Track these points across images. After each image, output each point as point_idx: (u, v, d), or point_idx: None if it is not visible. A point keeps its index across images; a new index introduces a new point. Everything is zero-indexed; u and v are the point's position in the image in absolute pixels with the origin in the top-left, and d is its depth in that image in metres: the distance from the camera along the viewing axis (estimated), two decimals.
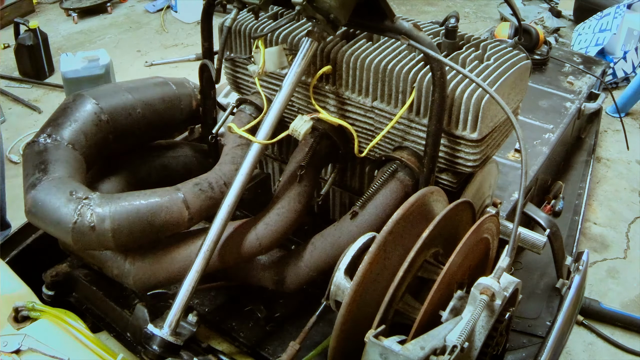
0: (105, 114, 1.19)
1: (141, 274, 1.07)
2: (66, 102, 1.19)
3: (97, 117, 1.17)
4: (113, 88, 1.27)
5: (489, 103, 1.04)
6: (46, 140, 1.11)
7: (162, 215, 1.04)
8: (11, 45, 3.59)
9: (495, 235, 1.05)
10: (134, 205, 1.02)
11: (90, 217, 0.98)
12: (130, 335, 1.11)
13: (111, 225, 0.99)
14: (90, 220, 0.98)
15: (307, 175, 1.17)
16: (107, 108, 1.19)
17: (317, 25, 1.01)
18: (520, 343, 1.42)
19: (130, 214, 1.01)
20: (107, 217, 0.99)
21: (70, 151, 1.11)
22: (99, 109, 1.18)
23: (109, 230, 0.99)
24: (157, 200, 1.04)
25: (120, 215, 1.00)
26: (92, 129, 1.17)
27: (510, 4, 1.32)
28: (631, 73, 3.42)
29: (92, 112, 1.17)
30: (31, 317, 1.02)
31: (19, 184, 1.06)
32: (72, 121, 1.15)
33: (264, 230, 1.10)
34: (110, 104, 1.20)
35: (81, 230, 0.98)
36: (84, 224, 0.98)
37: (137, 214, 1.01)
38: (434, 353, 0.77)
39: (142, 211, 1.02)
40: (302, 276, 1.13)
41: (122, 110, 1.22)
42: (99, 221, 0.98)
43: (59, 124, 1.14)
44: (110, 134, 1.20)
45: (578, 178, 2.24)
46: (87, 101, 1.18)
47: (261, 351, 1.22)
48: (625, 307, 2.05)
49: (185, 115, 1.35)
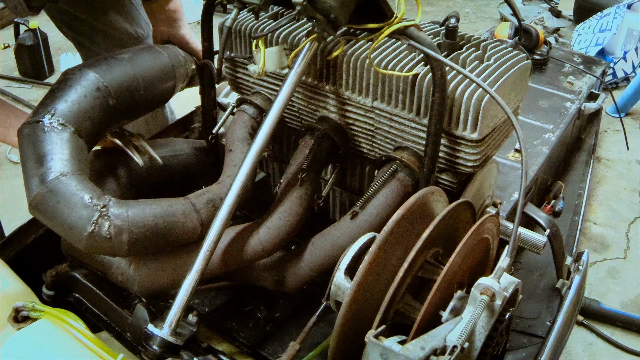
0: (114, 97, 1.12)
1: (146, 280, 1.07)
2: (70, 76, 1.10)
3: (106, 102, 1.11)
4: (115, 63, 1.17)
5: (489, 103, 1.04)
6: (52, 122, 1.03)
7: (178, 230, 1.03)
8: (11, 45, 3.59)
9: (496, 235, 1.05)
10: (152, 219, 1.00)
11: (108, 228, 0.96)
12: (130, 335, 1.11)
13: (128, 238, 0.97)
14: (107, 232, 0.96)
15: (308, 178, 1.17)
16: (116, 90, 1.12)
17: (317, 25, 1.01)
18: (520, 343, 1.42)
19: (148, 228, 0.99)
20: (125, 230, 0.97)
21: (77, 140, 1.05)
22: (107, 91, 1.11)
23: (125, 243, 0.97)
24: (174, 215, 1.03)
25: (138, 230, 0.98)
26: (99, 114, 1.10)
27: (510, 4, 1.32)
28: (631, 73, 3.42)
29: (101, 96, 1.10)
30: (31, 317, 1.02)
31: (19, 184, 1.04)
32: (79, 104, 1.07)
33: (266, 234, 1.10)
34: (118, 84, 1.13)
35: (97, 239, 0.96)
36: (100, 234, 0.96)
37: (155, 229, 1.00)
38: (434, 353, 0.77)
39: (159, 226, 1.01)
40: (302, 276, 1.13)
41: (127, 91, 1.15)
42: (116, 233, 0.96)
43: (64, 104, 1.06)
44: (114, 117, 1.15)
45: (578, 178, 2.23)
46: (94, 80, 1.10)
47: (261, 351, 1.22)
48: (625, 307, 2.05)
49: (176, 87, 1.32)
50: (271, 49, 1.14)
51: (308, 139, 1.24)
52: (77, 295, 1.25)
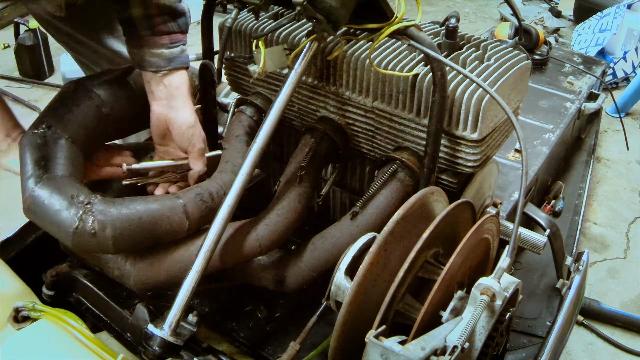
0: (107, 106, 1.16)
1: (142, 275, 1.07)
2: (66, 90, 1.16)
3: (99, 110, 1.15)
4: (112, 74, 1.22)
5: (489, 103, 1.04)
6: (46, 132, 1.08)
7: (164, 225, 1.03)
8: (11, 45, 3.59)
9: (496, 235, 1.05)
10: (136, 214, 1.01)
11: (92, 223, 0.98)
12: (130, 335, 1.11)
13: (112, 233, 0.99)
14: (91, 227, 0.98)
15: (307, 176, 1.17)
16: (110, 100, 1.16)
17: (317, 25, 1.01)
18: (520, 343, 1.42)
19: (132, 222, 1.00)
20: (109, 224, 0.99)
21: (70, 146, 1.10)
22: (100, 101, 1.15)
23: (109, 238, 0.99)
24: (159, 209, 1.04)
25: (122, 224, 0.99)
26: (93, 122, 1.14)
27: (510, 4, 1.32)
28: (631, 73, 3.43)
29: (94, 105, 1.14)
30: (31, 317, 1.02)
31: (18, 184, 1.05)
32: (73, 113, 1.12)
33: (264, 231, 1.10)
34: (111, 93, 1.17)
35: (82, 235, 0.98)
36: (85, 230, 0.98)
37: (139, 223, 1.01)
38: (435, 353, 0.77)
39: (144, 220, 1.01)
40: (302, 276, 1.13)
41: (122, 100, 1.19)
42: (100, 228, 0.98)
43: (59, 114, 1.11)
44: (110, 126, 1.18)
45: (578, 178, 2.24)
46: (88, 92, 1.15)
47: (261, 351, 1.22)
48: (625, 307, 2.05)
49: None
50: (271, 49, 1.14)
51: (308, 138, 1.24)
52: (77, 295, 1.26)
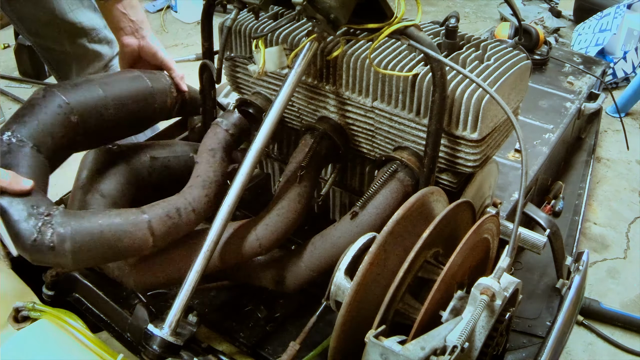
0: (76, 114, 1.11)
1: (142, 275, 1.07)
2: (35, 97, 1.12)
3: (67, 118, 1.10)
4: (86, 84, 1.17)
5: (489, 103, 1.04)
6: (10, 139, 1.04)
7: (126, 240, 0.99)
8: (11, 45, 3.59)
9: (496, 235, 1.05)
10: (98, 228, 0.97)
11: (50, 236, 0.94)
12: (130, 335, 1.11)
13: (71, 247, 0.95)
14: (50, 240, 0.94)
15: (307, 176, 1.17)
16: (78, 107, 1.11)
17: (317, 25, 1.01)
18: (520, 343, 1.42)
19: (93, 236, 0.96)
20: (68, 238, 0.94)
21: (35, 154, 1.05)
22: (69, 108, 1.10)
23: (69, 252, 0.94)
24: (122, 223, 0.99)
25: (81, 237, 0.95)
26: (60, 130, 1.09)
27: (510, 4, 1.32)
28: (631, 73, 3.42)
29: (62, 113, 1.09)
30: (31, 317, 1.02)
31: None
32: (39, 121, 1.07)
33: (264, 230, 1.10)
34: (81, 102, 1.12)
35: (40, 248, 0.94)
36: (43, 242, 0.94)
37: (100, 237, 0.97)
38: (435, 353, 0.77)
39: (105, 234, 0.97)
40: (302, 276, 1.13)
41: (94, 109, 1.14)
42: (59, 242, 0.94)
43: (25, 122, 1.06)
44: (79, 135, 1.13)
45: (578, 178, 2.23)
46: (56, 99, 1.10)
47: (261, 351, 1.22)
48: (625, 307, 2.05)
49: (158, 114, 1.31)
50: (271, 49, 1.14)
51: (308, 138, 1.24)
52: (77, 295, 1.26)
